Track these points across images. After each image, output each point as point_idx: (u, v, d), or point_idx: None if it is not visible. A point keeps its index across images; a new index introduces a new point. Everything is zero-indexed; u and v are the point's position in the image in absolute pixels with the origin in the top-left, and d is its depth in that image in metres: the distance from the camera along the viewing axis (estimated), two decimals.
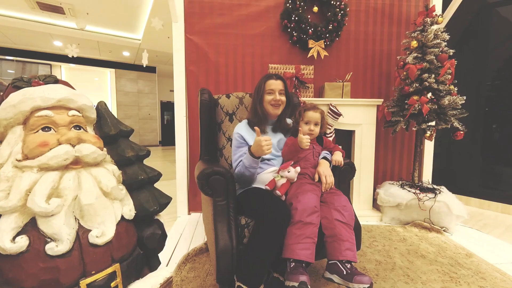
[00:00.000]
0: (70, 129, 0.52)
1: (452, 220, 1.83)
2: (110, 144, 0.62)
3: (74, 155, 0.49)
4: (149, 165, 0.70)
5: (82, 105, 0.55)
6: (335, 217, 0.98)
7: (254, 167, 1.13)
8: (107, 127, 0.61)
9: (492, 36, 2.56)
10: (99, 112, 0.62)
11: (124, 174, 0.60)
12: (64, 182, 0.47)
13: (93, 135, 0.55)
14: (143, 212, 0.58)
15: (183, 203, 2.12)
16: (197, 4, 2.01)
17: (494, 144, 2.56)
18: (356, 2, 2.15)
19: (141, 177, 0.60)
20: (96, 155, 0.52)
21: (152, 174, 0.66)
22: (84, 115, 0.56)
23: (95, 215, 0.48)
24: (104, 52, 7.39)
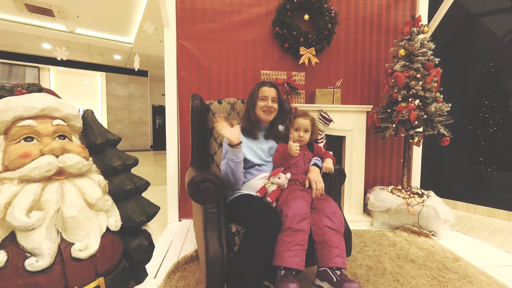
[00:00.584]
0: (54, 138, 0.51)
1: (440, 224, 1.87)
2: (97, 154, 0.61)
3: (57, 166, 0.48)
4: (140, 170, 0.69)
5: (67, 114, 0.54)
6: (325, 224, 0.99)
7: (233, 159, 1.10)
8: (94, 136, 0.60)
9: (476, 45, 2.67)
10: (86, 120, 0.61)
11: (111, 184, 0.58)
12: (46, 194, 0.46)
13: (78, 145, 0.53)
14: (129, 222, 0.57)
15: (174, 209, 2.09)
16: (189, 10, 2.02)
17: (479, 149, 2.64)
18: (346, 11, 2.20)
19: (128, 187, 0.59)
20: (80, 165, 0.51)
21: (140, 183, 0.65)
22: (70, 124, 0.55)
23: (79, 228, 0.47)
24: (94, 55, 7.29)
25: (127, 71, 8.54)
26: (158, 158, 7.05)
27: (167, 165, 2.08)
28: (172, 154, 2.05)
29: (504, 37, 2.50)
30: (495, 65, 2.55)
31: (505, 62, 2.49)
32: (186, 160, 2.07)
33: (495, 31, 2.55)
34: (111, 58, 7.54)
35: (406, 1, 2.29)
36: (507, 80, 2.49)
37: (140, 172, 3.99)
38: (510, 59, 2.46)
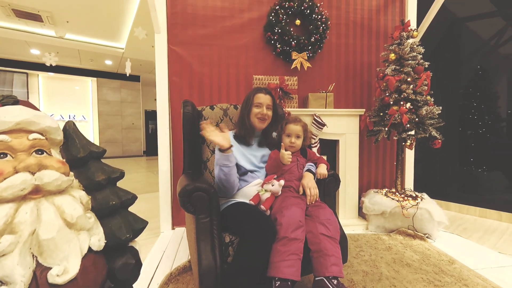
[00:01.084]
0: (31, 154, 0.48)
1: (434, 227, 1.87)
2: (79, 167, 0.57)
3: (33, 184, 0.45)
4: (132, 177, 0.66)
5: (45, 127, 0.51)
6: (320, 231, 0.97)
7: (225, 164, 1.08)
8: (75, 149, 0.56)
9: (463, 48, 2.73)
10: (67, 133, 0.58)
11: (94, 199, 0.55)
12: (20, 215, 0.42)
13: (57, 160, 0.50)
14: (114, 240, 0.53)
15: (167, 217, 2.04)
16: (180, 16, 2.00)
17: (470, 150, 2.68)
18: (337, 15, 2.22)
19: (112, 203, 0.56)
20: (59, 182, 0.47)
21: (126, 197, 0.62)
22: (49, 137, 0.52)
23: (56, 251, 0.43)
24: (85, 61, 7.19)
25: (119, 76, 8.44)
26: (151, 164, 6.95)
27: (159, 172, 2.04)
28: (164, 161, 2.01)
29: (490, 41, 2.56)
30: (482, 67, 2.61)
31: (491, 64, 2.55)
32: (179, 166, 2.03)
33: (481, 34, 2.62)
34: (102, 63, 7.44)
35: (395, 6, 2.32)
36: (494, 81, 2.55)
37: (132, 179, 3.90)
38: (496, 61, 2.53)
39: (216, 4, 2.04)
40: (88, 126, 8.29)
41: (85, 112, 8.21)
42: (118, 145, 8.58)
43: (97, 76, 8.13)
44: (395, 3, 2.32)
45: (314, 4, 2.08)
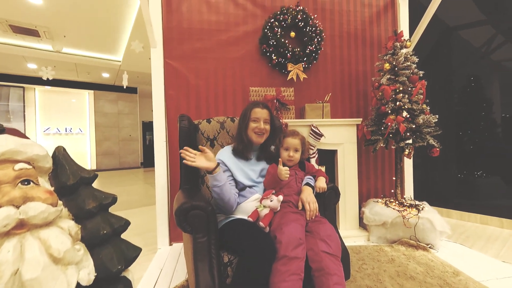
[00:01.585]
0: (16, 185, 0.46)
1: (437, 236, 1.84)
2: (69, 195, 0.55)
3: (17, 218, 0.42)
4: (129, 189, 0.63)
5: (33, 156, 0.49)
6: (321, 249, 0.94)
7: (215, 185, 1.07)
8: (65, 176, 0.54)
9: (455, 56, 2.77)
10: (56, 159, 0.56)
11: (84, 229, 0.53)
12: (1, 255, 0.40)
13: (45, 190, 0.48)
14: (105, 272, 0.51)
15: (164, 233, 2.00)
16: (175, 30, 2.01)
17: (467, 155, 2.68)
18: (331, 27, 2.25)
19: (103, 232, 0.53)
20: (46, 214, 0.45)
21: (118, 224, 0.60)
22: (36, 165, 0.50)
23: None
24: (82, 74, 7.21)
25: (116, 88, 8.46)
26: (148, 176, 6.87)
27: (156, 186, 2.00)
28: (161, 175, 1.98)
29: (481, 48, 2.61)
30: (474, 74, 2.65)
31: (483, 71, 2.59)
32: (176, 180, 2.00)
33: (472, 42, 2.67)
34: (99, 76, 7.47)
35: (388, 17, 2.37)
36: (486, 88, 2.59)
37: (129, 191, 3.84)
38: (487, 68, 2.56)
39: (211, 18, 2.06)
40: (84, 139, 8.23)
41: (82, 125, 8.18)
42: (115, 157, 8.51)
43: (94, 88, 8.15)
44: (388, 13, 2.37)
45: (308, 16, 2.11)
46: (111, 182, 5.85)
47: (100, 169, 8.19)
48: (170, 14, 2.01)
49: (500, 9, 2.45)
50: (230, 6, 2.10)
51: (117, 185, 5.39)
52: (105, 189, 3.46)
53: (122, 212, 3.19)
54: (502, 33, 2.46)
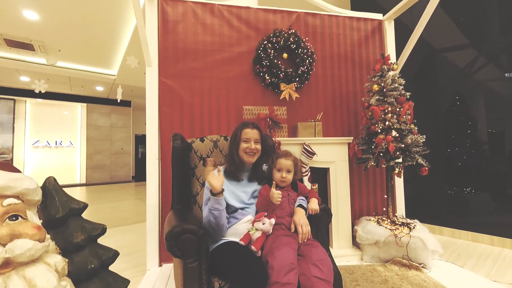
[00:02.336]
0: (4, 221, 0.45)
1: (429, 256, 1.85)
2: (58, 227, 0.54)
3: (3, 258, 0.42)
4: (120, 205, 0.61)
5: (22, 190, 0.48)
6: (313, 274, 0.94)
7: (216, 208, 1.06)
8: (54, 209, 0.54)
9: (441, 77, 2.91)
10: (46, 190, 0.55)
11: (71, 263, 0.51)
12: None
13: (32, 226, 0.47)
14: None
15: (154, 253, 1.94)
16: (171, 50, 2.06)
17: (457, 172, 2.75)
18: (322, 49, 2.35)
19: (91, 266, 0.52)
20: (33, 251, 0.44)
21: (107, 256, 0.58)
22: (25, 199, 0.49)
23: None
24: (75, 87, 7.20)
25: (110, 102, 8.44)
26: (140, 190, 6.73)
27: (147, 204, 1.97)
28: (152, 194, 1.95)
29: (465, 69, 2.74)
30: (459, 94, 2.77)
31: (467, 91, 2.71)
32: (168, 198, 1.97)
33: (457, 64, 2.81)
34: (92, 89, 7.46)
35: (375, 40, 2.48)
36: (471, 107, 2.70)
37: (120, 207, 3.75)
38: (471, 88, 2.69)
39: (206, 39, 2.12)
40: (75, 152, 8.08)
41: (73, 138, 8.05)
42: (105, 170, 8.35)
43: (87, 101, 8.11)
44: (375, 37, 2.49)
45: (300, 39, 2.20)
46: (101, 197, 5.70)
47: (90, 183, 7.99)
48: (166, 35, 2.06)
49: (482, 33, 2.61)
50: (225, 28, 2.17)
51: (107, 200, 5.24)
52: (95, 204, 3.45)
53: (112, 229, 3.09)
54: (485, 55, 2.60)
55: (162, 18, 2.06)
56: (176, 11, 2.10)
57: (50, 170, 7.51)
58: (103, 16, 3.95)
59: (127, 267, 2.06)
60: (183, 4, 2.11)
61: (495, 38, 2.51)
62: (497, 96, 2.52)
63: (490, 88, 2.58)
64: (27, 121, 7.45)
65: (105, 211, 4.17)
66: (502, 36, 2.46)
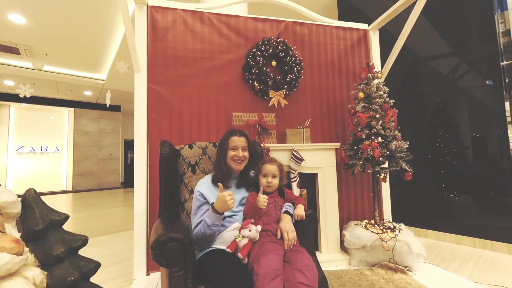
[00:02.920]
0: None
1: (414, 259, 1.89)
2: (37, 240, 0.54)
3: None
4: (108, 212, 0.60)
5: (1, 204, 0.48)
6: (298, 280, 0.95)
7: (216, 224, 1.10)
8: (34, 221, 0.53)
9: (425, 84, 3.02)
10: (26, 202, 0.55)
11: (50, 276, 0.51)
12: None
13: (10, 239, 0.47)
14: None
15: (141, 262, 1.91)
16: (160, 57, 2.07)
17: (442, 176, 2.83)
18: (309, 57, 2.41)
19: (71, 278, 0.52)
20: (10, 265, 0.44)
21: (88, 268, 0.58)
22: (4, 212, 0.49)
23: None
24: (63, 92, 7.05)
25: (98, 106, 8.30)
26: (128, 197, 6.60)
27: (134, 212, 1.94)
28: (140, 202, 1.93)
29: (448, 76, 2.86)
30: (442, 100, 2.88)
31: (450, 97, 2.83)
32: (157, 206, 1.94)
33: (440, 71, 2.92)
34: (81, 94, 7.33)
35: (361, 50, 2.57)
36: (454, 112, 2.81)
37: (107, 214, 3.68)
38: (453, 95, 2.80)
39: (196, 46, 2.14)
40: (61, 158, 7.87)
41: (59, 143, 7.84)
42: (93, 177, 8.15)
43: (75, 106, 7.95)
44: (361, 46, 2.57)
45: (288, 47, 2.25)
46: (88, 205, 5.55)
47: (76, 190, 7.78)
48: (156, 42, 2.07)
49: (463, 42, 2.73)
50: (214, 36, 2.20)
51: (95, 208, 5.12)
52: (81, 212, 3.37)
53: (99, 238, 3.01)
54: (466, 63, 2.73)
55: (152, 25, 2.08)
56: (166, 18, 2.11)
57: (34, 176, 7.28)
58: (93, 20, 3.92)
59: (114, 277, 2.02)
60: (173, 11, 2.13)
61: (476, 47, 2.64)
62: (479, 102, 2.63)
63: (472, 94, 2.69)
64: (10, 126, 7.22)
65: (91, 219, 4.06)
66: (482, 45, 2.58)
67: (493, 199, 2.49)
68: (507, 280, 1.81)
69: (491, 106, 2.53)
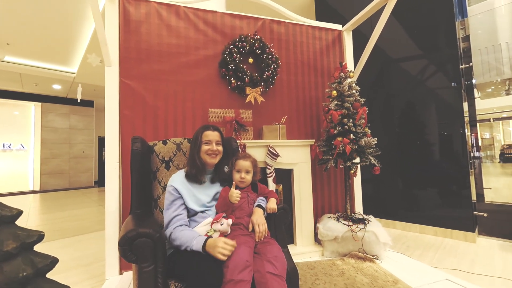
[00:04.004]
0: None
1: (381, 248, 2.02)
2: None
3: None
4: (81, 213, 0.58)
5: None
6: (267, 270, 0.98)
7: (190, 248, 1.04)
8: None
9: (395, 84, 3.19)
10: None
11: (0, 272, 0.49)
12: None
13: None
14: None
15: (113, 262, 1.85)
16: (133, 50, 2.00)
17: (410, 172, 3.03)
18: (286, 55, 2.45)
19: (23, 274, 0.50)
20: None
21: (43, 264, 0.56)
22: None
23: None
24: (28, 85, 6.56)
25: (69, 101, 7.83)
26: (103, 197, 6.31)
27: (106, 211, 1.88)
28: (112, 200, 1.87)
29: (416, 76, 3.05)
30: (410, 100, 3.07)
31: (418, 97, 3.02)
32: (129, 204, 1.90)
33: (410, 72, 3.11)
34: (49, 88, 6.86)
35: (336, 50, 2.66)
36: (420, 112, 3.01)
37: (80, 215, 3.51)
38: (420, 95, 3.00)
39: (171, 41, 2.10)
40: (27, 156, 7.34)
41: (25, 140, 7.30)
42: (64, 176, 7.69)
43: (42, 100, 7.43)
44: (335, 47, 2.67)
45: (265, 45, 2.28)
46: (58, 205, 5.24)
47: (45, 190, 7.31)
48: (128, 34, 2.00)
49: (431, 46, 2.91)
50: (190, 31, 2.17)
51: (66, 208, 4.84)
52: (50, 213, 3.19)
53: (69, 239, 2.87)
54: (435, 65, 2.91)
55: (124, 17, 2.00)
56: (139, 11, 2.05)
57: None
58: (61, 8, 3.68)
59: (85, 278, 1.94)
60: (147, 4, 2.07)
61: (442, 50, 2.83)
62: (445, 103, 2.83)
63: (439, 95, 2.89)
64: None
65: (62, 220, 3.85)
66: (449, 49, 2.78)
67: (454, 192, 2.70)
68: (462, 264, 1.99)
69: (455, 107, 2.73)
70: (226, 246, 0.96)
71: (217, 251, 0.95)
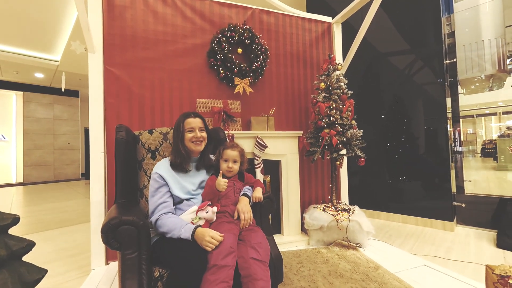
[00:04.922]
0: None
1: (364, 236, 2.09)
2: None
3: None
4: (67, 205, 0.57)
5: None
6: (250, 256, 1.00)
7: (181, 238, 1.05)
8: None
9: (384, 78, 3.24)
10: None
11: None
12: None
13: None
14: None
15: (99, 252, 1.84)
16: (117, 37, 1.94)
17: (394, 164, 3.12)
18: (275, 47, 2.44)
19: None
20: None
21: (19, 246, 0.56)
22: None
23: None
24: (8, 73, 6.26)
25: (52, 91, 7.54)
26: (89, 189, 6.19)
27: (91, 201, 1.85)
28: (98, 190, 1.84)
29: (404, 71, 3.10)
30: (398, 94, 3.13)
31: (405, 92, 3.08)
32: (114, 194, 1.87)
33: (398, 67, 3.16)
34: (30, 76, 6.57)
35: (325, 42, 2.67)
36: (407, 106, 3.08)
37: (65, 207, 3.43)
38: (408, 90, 3.06)
39: (157, 28, 2.05)
40: (9, 147, 7.07)
41: (6, 131, 7.02)
42: (48, 168, 7.47)
43: (24, 89, 7.12)
44: (325, 39, 2.67)
45: (254, 35, 2.26)
46: (42, 198, 5.10)
47: (28, 182, 7.09)
48: (112, 20, 1.93)
49: (419, 41, 2.96)
50: (178, 19, 2.12)
51: (50, 201, 4.72)
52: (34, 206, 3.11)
53: (54, 231, 2.82)
54: (422, 60, 2.97)
55: (108, 1, 1.93)
56: None
57: None
58: None
59: (70, 269, 1.92)
60: None
61: (429, 46, 2.88)
62: (431, 98, 2.90)
63: (425, 90, 2.96)
64: None
65: (47, 212, 3.76)
66: (436, 45, 2.83)
67: (436, 184, 2.81)
68: (440, 252, 2.09)
69: (440, 102, 2.81)
70: (212, 241, 0.98)
71: (203, 244, 0.98)
